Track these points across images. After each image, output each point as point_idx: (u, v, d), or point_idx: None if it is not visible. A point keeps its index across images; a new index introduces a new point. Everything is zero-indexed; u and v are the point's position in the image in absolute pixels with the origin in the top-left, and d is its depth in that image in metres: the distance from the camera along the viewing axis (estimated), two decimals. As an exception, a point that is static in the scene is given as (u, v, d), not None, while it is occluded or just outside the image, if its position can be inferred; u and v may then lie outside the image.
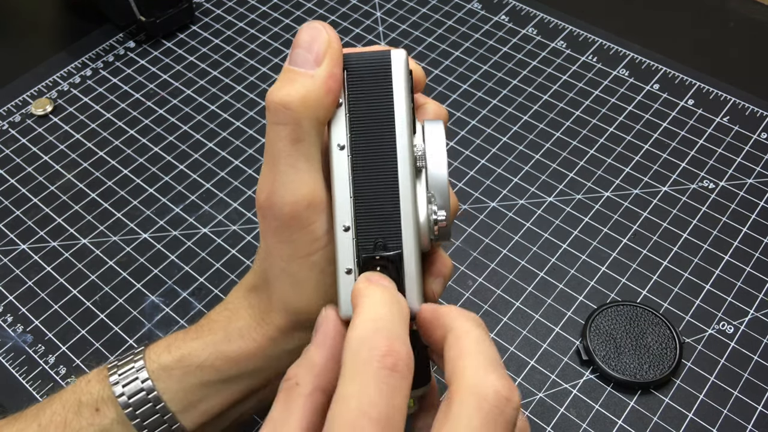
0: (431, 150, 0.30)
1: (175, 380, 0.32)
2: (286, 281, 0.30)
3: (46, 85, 0.63)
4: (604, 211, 0.53)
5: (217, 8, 0.69)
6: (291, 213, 0.29)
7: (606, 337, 0.46)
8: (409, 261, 0.29)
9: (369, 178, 0.29)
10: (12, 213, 0.54)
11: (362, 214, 0.29)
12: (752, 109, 0.59)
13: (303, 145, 0.29)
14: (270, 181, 0.29)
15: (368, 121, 0.29)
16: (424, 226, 0.29)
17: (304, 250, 0.29)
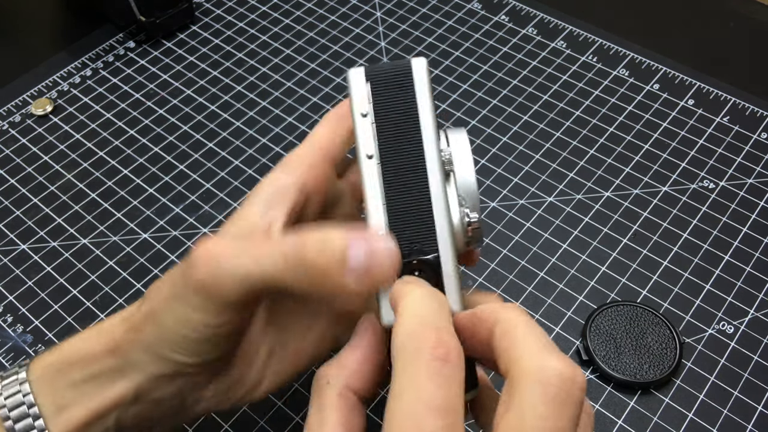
0: (458, 154, 0.31)
1: (48, 381, 0.31)
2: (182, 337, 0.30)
3: (46, 85, 0.63)
4: (604, 211, 0.53)
5: (217, 8, 0.69)
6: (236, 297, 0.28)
7: (606, 337, 0.46)
8: (446, 263, 0.29)
9: (400, 184, 0.29)
10: (12, 213, 0.54)
11: (396, 220, 0.29)
12: (752, 109, 0.59)
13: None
14: (227, 254, 0.29)
15: (394, 128, 0.30)
16: (458, 229, 0.29)
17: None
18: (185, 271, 0.29)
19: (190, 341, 0.29)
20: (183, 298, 0.29)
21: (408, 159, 0.29)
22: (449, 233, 0.29)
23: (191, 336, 0.29)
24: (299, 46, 0.66)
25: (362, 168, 0.30)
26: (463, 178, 0.30)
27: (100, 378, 0.31)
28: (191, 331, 0.29)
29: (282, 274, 0.27)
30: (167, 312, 0.29)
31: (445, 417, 0.22)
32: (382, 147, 0.30)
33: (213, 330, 0.29)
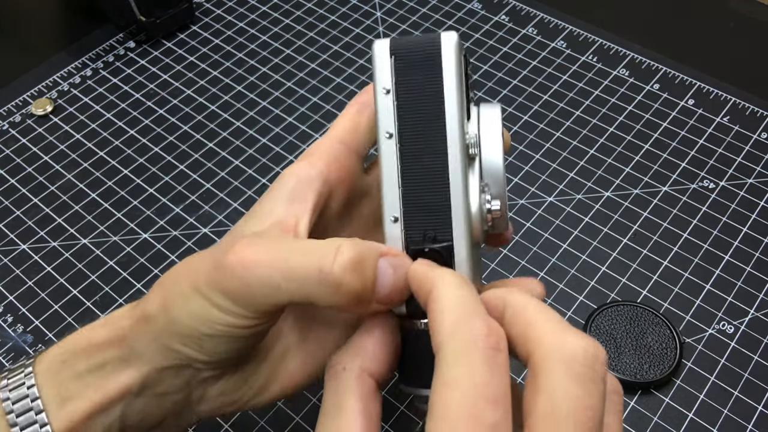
0: (486, 136, 0.29)
1: (53, 373, 0.30)
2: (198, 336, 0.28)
3: (46, 85, 0.63)
4: (605, 211, 0.53)
5: (217, 8, 0.69)
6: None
7: (606, 337, 0.46)
8: (460, 253, 0.27)
9: (418, 167, 0.28)
10: (12, 213, 0.54)
11: (411, 204, 0.28)
12: (752, 109, 0.59)
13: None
14: (269, 249, 0.27)
15: (417, 107, 0.28)
16: (476, 217, 0.28)
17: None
18: (215, 271, 0.27)
19: (204, 338, 0.28)
20: (206, 295, 0.27)
21: (429, 141, 0.28)
22: (465, 223, 0.27)
23: (206, 332, 0.28)
24: (299, 46, 0.66)
25: (381, 147, 0.28)
26: (489, 163, 0.29)
27: (105, 368, 0.30)
28: (208, 329, 0.28)
29: (315, 292, 0.26)
30: (183, 305, 0.28)
31: (501, 407, 0.22)
32: (402, 127, 0.28)
33: (232, 331, 0.28)
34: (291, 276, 0.26)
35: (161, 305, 0.29)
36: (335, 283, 0.25)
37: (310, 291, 0.26)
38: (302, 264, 0.26)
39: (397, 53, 0.28)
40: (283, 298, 0.27)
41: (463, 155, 0.27)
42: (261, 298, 0.27)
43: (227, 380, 0.31)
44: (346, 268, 0.25)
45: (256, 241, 0.28)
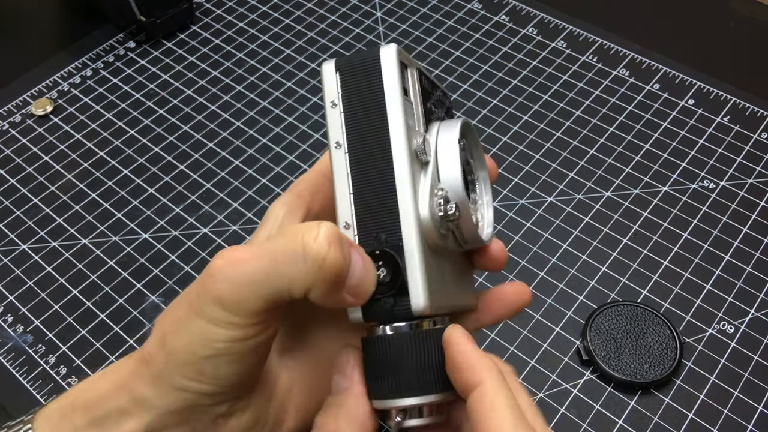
0: (443, 146, 0.30)
1: (52, 428, 0.29)
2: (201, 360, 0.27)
3: (46, 85, 0.63)
4: (605, 211, 0.53)
5: (218, 8, 0.69)
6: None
7: (606, 337, 0.46)
8: (411, 254, 0.27)
9: (367, 173, 0.28)
10: (12, 213, 0.54)
11: (362, 209, 0.28)
12: (752, 108, 0.59)
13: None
14: (255, 256, 0.27)
15: (362, 117, 0.29)
16: (426, 219, 0.28)
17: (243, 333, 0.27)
18: (203, 283, 0.27)
19: (205, 361, 0.27)
20: (199, 312, 0.27)
21: (375, 148, 0.28)
22: (414, 223, 0.27)
23: (206, 354, 0.27)
24: (299, 46, 0.66)
25: (332, 157, 0.29)
26: (446, 171, 0.29)
27: (106, 421, 0.29)
28: (206, 349, 0.27)
29: (301, 271, 0.26)
30: (180, 332, 0.27)
31: None
32: (349, 136, 0.29)
33: (231, 345, 0.27)
34: (277, 259, 0.26)
35: (159, 341, 0.28)
36: (320, 256, 0.26)
37: (297, 272, 0.26)
38: (286, 245, 0.26)
39: (341, 69, 0.29)
40: (273, 290, 0.26)
41: (409, 159, 0.28)
42: (252, 297, 0.26)
43: (238, 419, 0.30)
44: (330, 241, 0.26)
45: (240, 245, 0.28)
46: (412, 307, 0.27)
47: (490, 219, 0.34)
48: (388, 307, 0.27)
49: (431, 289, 0.28)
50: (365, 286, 0.27)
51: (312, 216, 0.32)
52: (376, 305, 0.28)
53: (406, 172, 0.28)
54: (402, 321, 0.28)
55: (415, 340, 0.28)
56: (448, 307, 0.30)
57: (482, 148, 0.34)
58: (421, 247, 0.28)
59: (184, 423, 0.28)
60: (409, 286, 0.27)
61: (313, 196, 0.33)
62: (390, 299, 0.27)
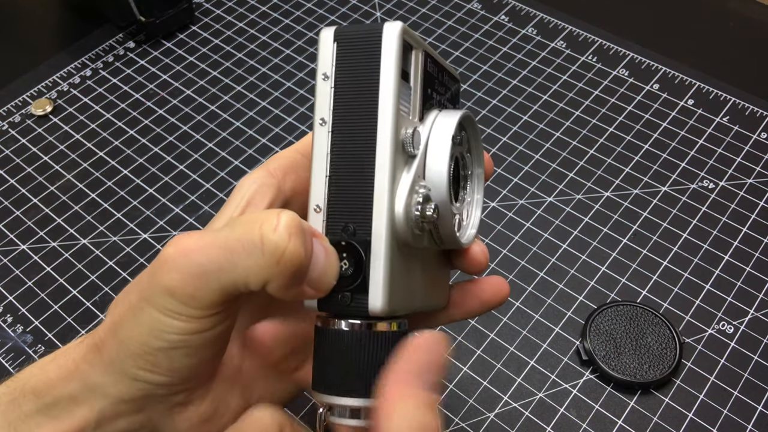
0: (434, 141, 0.28)
1: (1, 414, 0.28)
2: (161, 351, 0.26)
3: (45, 85, 0.63)
4: (604, 211, 0.53)
5: (217, 8, 0.69)
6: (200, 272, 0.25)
7: (606, 337, 0.46)
8: (377, 252, 0.26)
9: (347, 156, 0.26)
10: (12, 213, 0.54)
11: (335, 194, 0.27)
12: (752, 109, 0.59)
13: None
14: (206, 240, 0.25)
15: (353, 96, 0.27)
16: (401, 216, 0.26)
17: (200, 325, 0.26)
18: (153, 271, 0.25)
19: (158, 354, 0.26)
20: (151, 301, 0.25)
21: (360, 131, 0.26)
22: (387, 219, 0.26)
23: (160, 346, 0.25)
24: (299, 46, 0.66)
25: (314, 133, 0.27)
26: (432, 168, 0.28)
27: (56, 408, 0.27)
28: (160, 341, 0.25)
29: (258, 264, 0.24)
30: (132, 320, 0.26)
31: None
32: (337, 114, 0.27)
33: (185, 338, 0.25)
34: (233, 249, 0.24)
35: (111, 328, 0.26)
36: (279, 250, 0.24)
37: (253, 265, 0.24)
38: (244, 235, 0.25)
39: (340, 39, 0.27)
40: (228, 282, 0.25)
41: (392, 148, 0.26)
42: (205, 289, 0.25)
43: (197, 407, 0.28)
44: (290, 233, 0.24)
45: (196, 231, 0.26)
46: (369, 306, 0.26)
47: (476, 220, 0.33)
48: (345, 302, 0.26)
49: (392, 291, 0.26)
50: (326, 280, 0.26)
51: (282, 197, 0.30)
52: (333, 298, 0.26)
53: (387, 162, 0.26)
54: (356, 318, 0.27)
55: (366, 340, 0.26)
56: (412, 308, 0.29)
57: (482, 144, 0.33)
58: (390, 245, 0.26)
59: (138, 411, 0.27)
60: (370, 285, 0.26)
61: (286, 176, 0.30)
62: (348, 294, 0.26)
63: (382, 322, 0.27)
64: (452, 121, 0.28)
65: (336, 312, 0.27)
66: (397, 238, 0.26)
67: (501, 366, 0.46)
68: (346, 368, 0.26)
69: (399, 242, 0.26)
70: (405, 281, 0.28)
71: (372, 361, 0.26)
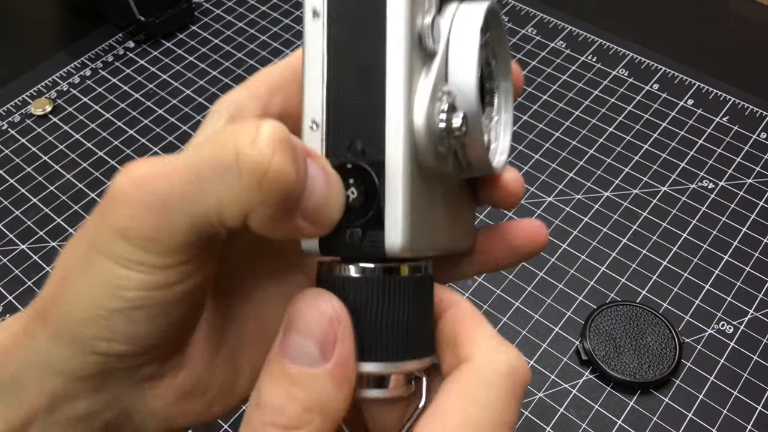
0: (458, 34, 0.22)
1: None
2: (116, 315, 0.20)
3: (45, 85, 0.63)
4: (604, 211, 0.53)
5: (217, 8, 0.69)
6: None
7: (606, 337, 0.46)
8: (394, 174, 0.21)
9: (349, 55, 0.21)
10: (11, 213, 0.54)
11: (336, 104, 0.21)
12: (752, 109, 0.59)
13: None
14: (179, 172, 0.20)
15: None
16: (422, 130, 0.21)
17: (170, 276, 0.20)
18: (102, 209, 0.20)
19: (115, 316, 0.20)
20: (101, 249, 0.20)
21: (364, 21, 0.21)
22: (405, 131, 0.20)
23: (116, 306, 0.20)
24: (299, 46, 0.66)
25: (305, 30, 0.22)
26: (457, 67, 0.22)
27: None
28: (116, 299, 0.20)
29: (234, 191, 0.19)
30: (80, 276, 0.20)
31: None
32: (331, 2, 0.21)
33: (147, 294, 0.20)
34: (201, 173, 0.19)
35: (55, 290, 0.21)
36: (260, 167, 0.18)
37: (228, 190, 0.19)
38: (214, 154, 0.19)
39: None
40: (198, 217, 0.19)
41: (408, 42, 0.21)
42: (168, 225, 0.19)
43: (171, 381, 0.23)
44: (275, 147, 0.19)
45: (156, 157, 0.21)
46: (385, 245, 0.21)
47: (505, 144, 0.26)
48: (355, 241, 0.21)
49: (414, 225, 0.21)
50: (328, 211, 0.20)
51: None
52: (338, 236, 0.21)
53: (402, 60, 0.21)
54: (371, 261, 0.21)
55: (387, 289, 0.21)
56: (435, 249, 0.23)
57: (509, 50, 0.26)
58: (410, 166, 0.21)
59: (100, 390, 0.22)
60: (386, 217, 0.21)
61: (273, 95, 0.24)
62: (358, 231, 0.21)
63: (403, 264, 0.22)
64: (479, 9, 0.23)
65: (343, 253, 0.21)
66: (416, 158, 0.21)
67: (501, 366, 0.46)
68: (365, 326, 0.21)
69: (419, 163, 0.21)
70: (427, 214, 0.22)
71: (395, 315, 0.21)
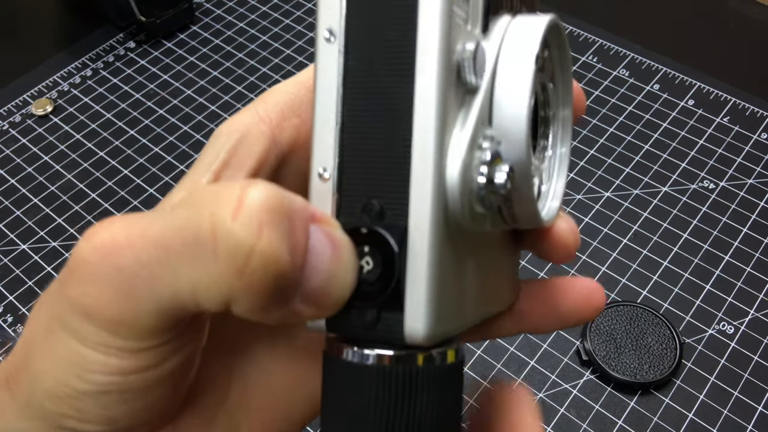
0: (507, 64, 0.17)
1: None
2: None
3: (46, 85, 0.63)
4: (605, 212, 0.53)
5: (218, 8, 0.69)
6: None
7: (606, 337, 0.46)
8: (419, 244, 0.16)
9: (369, 90, 0.17)
10: (12, 213, 0.54)
11: (352, 152, 0.17)
12: (752, 109, 0.59)
13: None
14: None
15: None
16: (455, 187, 0.16)
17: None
18: (63, 281, 0.17)
19: (85, 398, 0.17)
20: (64, 324, 0.16)
21: (389, 48, 0.17)
22: (433, 190, 0.16)
23: (85, 389, 0.17)
24: (299, 46, 0.66)
25: (317, 55, 0.17)
26: (503, 104, 0.17)
27: None
28: (84, 382, 0.17)
29: (208, 272, 0.15)
30: (45, 347, 0.17)
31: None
32: (352, 22, 0.17)
33: (119, 380, 0.17)
34: (171, 248, 0.15)
35: (23, 359, 0.18)
36: (241, 251, 0.15)
37: (203, 273, 0.15)
38: (187, 223, 0.15)
39: None
40: (168, 298, 0.16)
41: (442, 76, 0.16)
42: (135, 307, 0.16)
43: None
44: (262, 220, 0.15)
45: (125, 216, 0.17)
46: (405, 331, 0.17)
47: (559, 188, 0.22)
48: (368, 322, 0.17)
49: (441, 307, 0.17)
50: (334, 291, 0.16)
51: (278, 152, 0.20)
52: (348, 315, 0.17)
53: (435, 98, 0.16)
54: (385, 347, 0.17)
55: (401, 381, 0.17)
56: (467, 324, 0.19)
57: (572, 70, 0.21)
58: (439, 233, 0.16)
59: None
60: (407, 298, 0.17)
61: (285, 121, 0.20)
62: (373, 311, 0.17)
63: (424, 352, 0.17)
64: (536, 33, 0.18)
65: (353, 335, 0.17)
66: (448, 222, 0.17)
67: (501, 366, 0.46)
68: (369, 423, 0.17)
69: (451, 227, 0.17)
70: (457, 289, 0.18)
71: (412, 416, 0.17)
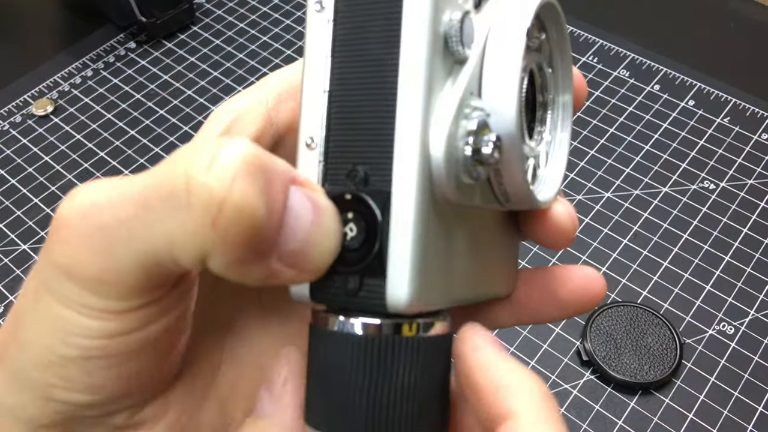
0: (497, 37, 0.18)
1: None
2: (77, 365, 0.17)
3: (47, 85, 0.63)
4: (605, 212, 0.53)
5: (218, 9, 0.69)
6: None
7: (606, 337, 0.46)
8: (402, 210, 0.16)
9: (357, 59, 0.17)
10: (13, 213, 0.54)
11: (338, 120, 0.17)
12: (753, 109, 0.59)
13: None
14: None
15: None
16: (440, 155, 0.16)
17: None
18: (48, 241, 0.17)
19: (70, 364, 0.17)
20: (48, 287, 0.17)
21: (376, 16, 0.17)
22: (418, 157, 0.16)
23: (70, 355, 0.17)
24: (300, 47, 0.66)
25: (307, 23, 0.18)
26: (492, 75, 0.18)
27: None
28: (69, 347, 0.17)
29: (183, 226, 0.15)
30: (31, 315, 0.17)
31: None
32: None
33: (104, 343, 0.17)
34: (148, 204, 0.15)
35: (11, 330, 0.18)
36: (213, 201, 0.15)
37: (178, 226, 0.15)
38: (163, 178, 0.15)
39: None
40: (147, 254, 0.16)
41: (430, 45, 0.16)
42: (116, 265, 0.16)
43: (151, 429, 0.19)
44: (236, 172, 0.15)
45: (103, 180, 0.17)
46: (387, 298, 0.17)
47: (558, 171, 0.22)
48: (351, 289, 0.17)
49: (425, 275, 0.17)
50: (315, 253, 0.16)
51: (273, 132, 0.20)
52: (331, 282, 0.17)
53: (421, 68, 0.16)
54: (369, 315, 0.17)
55: (383, 351, 0.17)
56: (454, 300, 0.19)
57: (571, 54, 0.21)
58: (423, 199, 0.17)
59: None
60: (389, 264, 0.17)
61: (282, 103, 0.20)
62: (355, 277, 0.17)
63: (409, 321, 0.18)
64: (529, 7, 0.19)
65: (336, 303, 0.18)
66: (433, 190, 0.17)
67: (501, 366, 0.46)
68: (353, 394, 0.17)
69: (437, 196, 0.17)
70: (445, 258, 0.18)
71: (394, 387, 0.17)
